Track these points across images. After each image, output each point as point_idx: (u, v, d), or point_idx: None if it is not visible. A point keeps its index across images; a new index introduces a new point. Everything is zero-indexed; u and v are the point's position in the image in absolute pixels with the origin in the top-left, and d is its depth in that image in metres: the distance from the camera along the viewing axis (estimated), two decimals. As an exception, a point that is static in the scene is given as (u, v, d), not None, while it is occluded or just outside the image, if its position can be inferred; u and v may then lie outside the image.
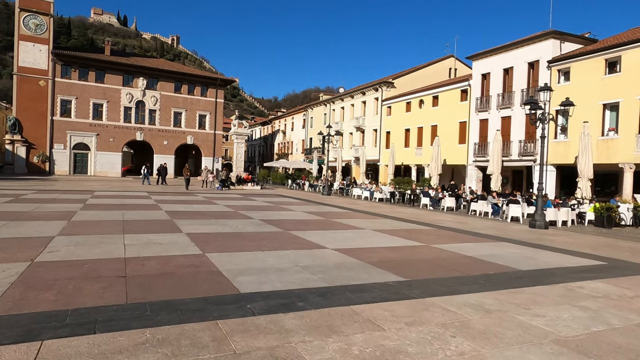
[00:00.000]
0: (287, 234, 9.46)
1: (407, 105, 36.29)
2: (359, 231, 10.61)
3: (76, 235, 7.97)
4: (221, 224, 10.69)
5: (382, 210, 17.74)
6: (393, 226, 12.03)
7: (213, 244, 7.75)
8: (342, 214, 14.93)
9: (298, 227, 10.81)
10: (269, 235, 9.23)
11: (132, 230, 8.95)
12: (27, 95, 39.56)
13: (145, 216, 11.45)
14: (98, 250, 6.70)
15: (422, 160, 34.16)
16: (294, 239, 8.86)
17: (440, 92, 32.65)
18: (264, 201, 19.23)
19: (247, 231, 9.61)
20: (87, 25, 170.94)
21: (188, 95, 46.78)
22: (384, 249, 8.14)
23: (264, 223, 11.16)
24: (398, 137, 36.59)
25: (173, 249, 7.05)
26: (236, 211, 14.03)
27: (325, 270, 6.06)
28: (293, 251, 7.39)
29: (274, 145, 64.83)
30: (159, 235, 8.47)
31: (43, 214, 11.05)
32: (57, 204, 13.57)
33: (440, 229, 12.07)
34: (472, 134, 29.56)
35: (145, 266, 5.79)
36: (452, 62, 41.65)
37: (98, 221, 10.05)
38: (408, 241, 9.30)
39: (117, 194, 19.41)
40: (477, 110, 29.14)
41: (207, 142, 47.82)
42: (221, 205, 16.15)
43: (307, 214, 14.48)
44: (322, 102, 50.82)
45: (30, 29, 40.07)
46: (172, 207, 14.19)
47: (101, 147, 42.68)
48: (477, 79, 29.30)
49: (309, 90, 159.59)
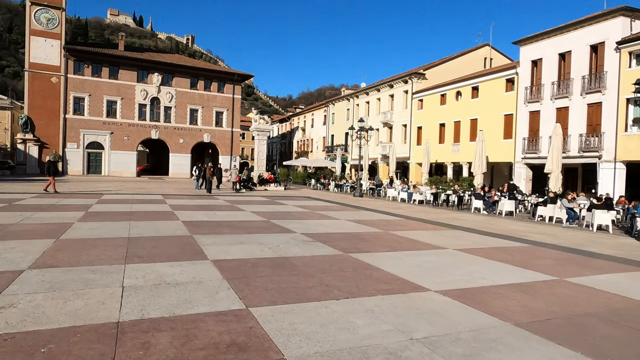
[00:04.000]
0: (352, 260, 6.80)
1: (442, 98, 33.25)
2: (441, 252, 7.89)
3: (55, 269, 5.45)
4: (256, 241, 8.09)
5: (434, 216, 14.94)
6: (477, 243, 9.25)
7: (255, 283, 5.13)
8: (396, 224, 12.21)
9: (357, 246, 8.14)
10: (328, 262, 6.58)
11: (137, 255, 6.41)
12: (39, 92, 37.82)
13: (157, 230, 8.93)
14: (78, 304, 4.14)
15: (460, 157, 31.14)
16: (365, 269, 6.19)
17: (481, 82, 29.55)
18: (294, 205, 16.62)
19: (294, 255, 6.98)
20: (103, 26, 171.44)
21: (204, 92, 44.57)
22: (508, 289, 5.42)
23: (310, 240, 8.52)
24: (431, 132, 33.60)
25: (197, 298, 4.46)
26: (268, 220, 11.43)
27: (472, 354, 3.37)
28: (382, 299, 4.72)
29: (292, 143, 62.36)
30: (175, 265, 5.90)
31: (28, 228, 8.62)
32: (53, 212, 11.18)
33: (538, 246, 9.24)
34: (520, 128, 26.42)
35: (151, 350, 3.19)
36: (488, 51, 38.39)
37: (94, 240, 7.55)
38: (524, 271, 6.54)
39: (128, 197, 17.06)
40: (526, 101, 25.99)
41: (224, 140, 45.57)
42: (248, 211, 13.58)
43: (354, 223, 11.80)
44: (345, 97, 48.02)
45: (42, 23, 38.29)
46: (191, 216, 11.68)
47: (115, 146, 40.77)
48: (526, 66, 26.14)
49: (324, 88, 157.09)
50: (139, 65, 41.69)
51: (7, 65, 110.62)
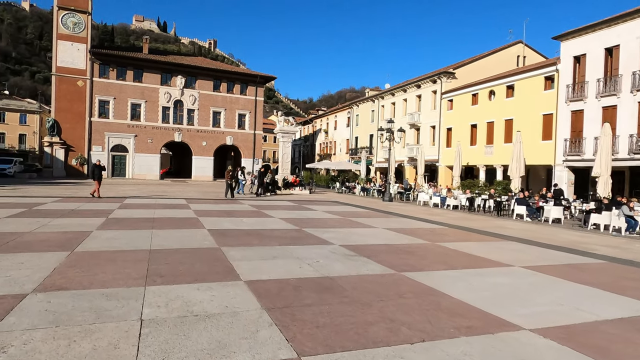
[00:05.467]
0: (408, 282, 5.75)
1: (474, 98, 31.74)
2: (509, 271, 6.74)
3: (64, 292, 4.60)
4: (291, 255, 7.14)
5: (477, 224, 13.70)
6: (542, 258, 8.03)
7: (302, 315, 4.15)
8: (440, 233, 11.06)
9: (407, 261, 7.08)
10: (382, 285, 5.55)
11: (159, 273, 5.53)
12: (66, 95, 38.18)
13: (181, 241, 8.08)
14: (84, 348, 3.25)
15: (493, 160, 29.56)
16: (429, 295, 5.13)
17: (517, 80, 27.95)
18: (324, 211, 15.63)
19: (339, 273, 5.98)
20: (129, 32, 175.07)
21: (227, 94, 44.21)
22: (621, 327, 4.27)
23: (352, 254, 7.50)
24: (462, 134, 32.10)
25: (233, 340, 3.50)
26: (301, 229, 10.47)
27: None
28: (467, 343, 3.67)
29: (315, 146, 61.50)
30: (204, 287, 4.99)
31: (43, 237, 7.91)
32: (73, 219, 10.53)
33: (615, 262, 7.96)
34: (561, 128, 24.74)
35: None
36: (521, 48, 36.61)
37: (112, 253, 6.74)
38: (623, 299, 5.34)
39: (151, 201, 16.44)
40: (567, 100, 24.32)
41: (247, 143, 45.08)
42: (276, 218, 12.67)
43: (394, 232, 10.72)
44: (369, 98, 46.85)
45: (69, 27, 38.69)
46: (217, 223, 10.84)
47: (139, 149, 40.79)
48: (568, 62, 24.47)
49: (344, 90, 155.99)
50: (162, 68, 41.68)
51: (38, 71, 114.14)
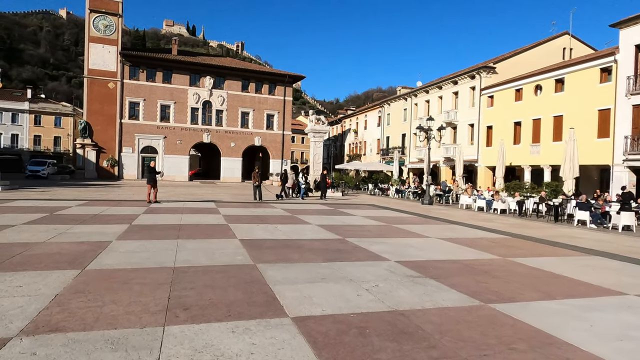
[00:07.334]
0: (507, 321, 4.34)
1: (517, 94, 29.57)
2: (628, 301, 5.21)
3: (58, 335, 3.47)
4: (342, 275, 5.84)
5: (538, 232, 11.99)
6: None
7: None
8: (505, 245, 9.50)
9: (488, 286, 5.64)
10: (473, 326, 4.17)
11: (183, 304, 4.35)
12: (97, 98, 38.42)
13: (211, 255, 6.93)
14: None
15: (540, 159, 27.36)
16: (547, 345, 3.72)
17: (567, 73, 25.68)
18: (363, 216, 14.27)
19: (410, 306, 4.63)
20: (159, 36, 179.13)
21: (255, 94, 43.50)
22: None
23: (415, 274, 6.13)
24: (504, 132, 29.98)
25: None
26: (344, 239, 9.16)
27: None
28: None
29: (344, 146, 60.12)
30: (240, 329, 3.76)
31: (55, 249, 6.93)
32: (94, 226, 9.62)
33: None
34: (620, 125, 22.40)
35: None
36: (567, 40, 34.03)
37: (129, 272, 5.63)
38: None
39: (179, 205, 15.57)
40: (628, 93, 21.98)
41: (275, 144, 44.22)
42: (314, 225, 11.41)
43: (450, 243, 9.25)
44: (401, 97, 45.07)
45: (100, 30, 38.93)
46: (249, 232, 9.68)
47: (169, 150, 40.61)
48: (628, 51, 22.12)
49: (371, 90, 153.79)
50: (191, 68, 41.41)
51: (74, 76, 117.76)
